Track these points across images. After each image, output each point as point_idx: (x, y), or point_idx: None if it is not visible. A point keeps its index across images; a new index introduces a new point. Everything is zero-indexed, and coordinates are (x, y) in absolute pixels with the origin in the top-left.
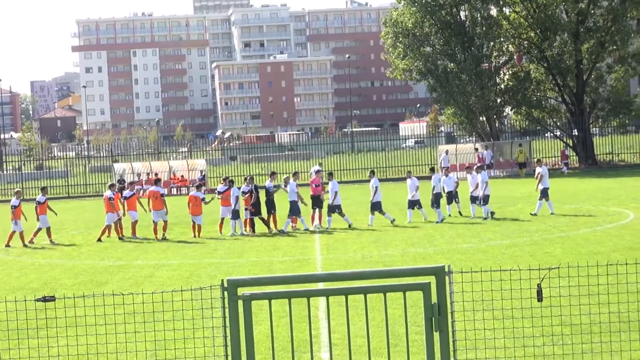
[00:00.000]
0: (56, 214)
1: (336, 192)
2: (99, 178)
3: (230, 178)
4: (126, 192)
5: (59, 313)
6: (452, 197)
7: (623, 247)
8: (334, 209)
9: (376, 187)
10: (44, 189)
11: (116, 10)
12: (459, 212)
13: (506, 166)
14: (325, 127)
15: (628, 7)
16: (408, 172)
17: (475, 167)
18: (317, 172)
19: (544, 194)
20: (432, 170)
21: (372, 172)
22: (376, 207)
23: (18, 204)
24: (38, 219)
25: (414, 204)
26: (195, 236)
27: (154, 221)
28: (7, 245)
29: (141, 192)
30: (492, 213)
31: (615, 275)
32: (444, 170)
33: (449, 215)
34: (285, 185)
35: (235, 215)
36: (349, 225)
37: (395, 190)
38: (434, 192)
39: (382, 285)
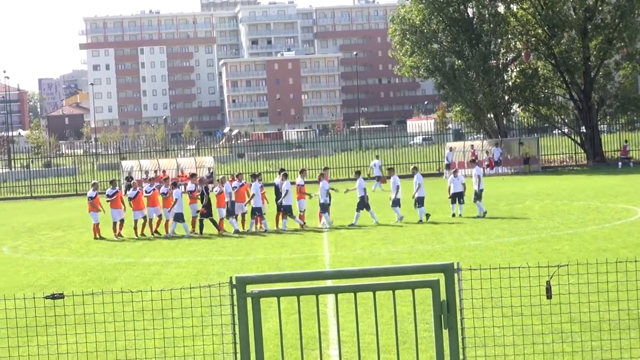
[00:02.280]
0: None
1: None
2: (107, 175)
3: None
4: (163, 189)
5: (67, 310)
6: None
7: (631, 243)
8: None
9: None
10: (112, 182)
11: (124, 8)
12: (459, 214)
13: (514, 163)
14: (333, 124)
15: (636, 4)
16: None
17: (412, 168)
18: (325, 169)
19: (477, 196)
20: (358, 174)
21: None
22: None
23: (95, 195)
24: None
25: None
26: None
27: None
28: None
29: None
30: (428, 215)
31: (625, 272)
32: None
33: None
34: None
35: (179, 217)
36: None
37: (403, 188)
38: (360, 195)
39: (391, 282)
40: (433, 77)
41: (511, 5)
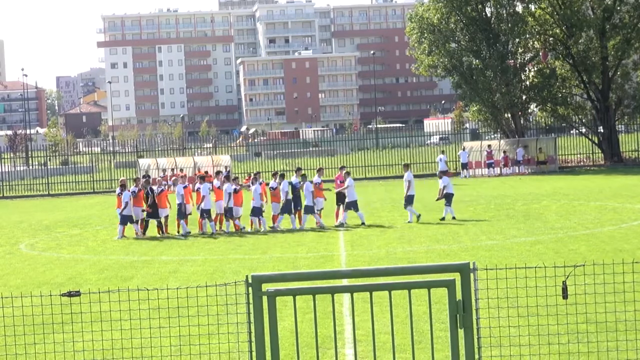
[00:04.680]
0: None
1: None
2: (124, 173)
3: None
4: (197, 185)
5: (84, 308)
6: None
7: None
8: (410, 200)
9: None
10: (136, 180)
11: (141, 6)
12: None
13: (531, 163)
14: (350, 123)
15: None
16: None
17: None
18: (342, 168)
19: (408, 200)
20: (300, 173)
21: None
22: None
23: (121, 192)
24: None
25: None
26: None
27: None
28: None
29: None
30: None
31: None
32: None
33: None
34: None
35: (125, 219)
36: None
37: (420, 187)
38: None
39: (407, 282)
40: (450, 76)
41: (529, 5)
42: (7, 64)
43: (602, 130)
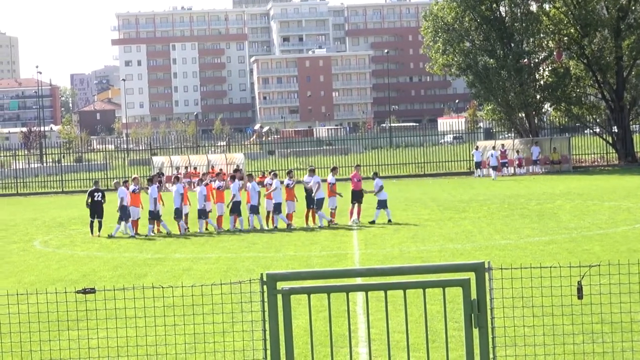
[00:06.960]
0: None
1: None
2: (138, 171)
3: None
4: (217, 183)
5: (98, 305)
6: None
7: None
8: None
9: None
10: (135, 179)
11: (156, 4)
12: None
13: (544, 162)
14: (364, 122)
15: None
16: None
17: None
18: (357, 166)
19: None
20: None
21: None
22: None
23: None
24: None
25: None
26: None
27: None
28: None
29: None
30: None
31: None
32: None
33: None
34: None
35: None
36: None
37: (434, 186)
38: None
39: (422, 281)
40: (465, 75)
41: (543, 4)
42: (21, 61)
43: (616, 130)
